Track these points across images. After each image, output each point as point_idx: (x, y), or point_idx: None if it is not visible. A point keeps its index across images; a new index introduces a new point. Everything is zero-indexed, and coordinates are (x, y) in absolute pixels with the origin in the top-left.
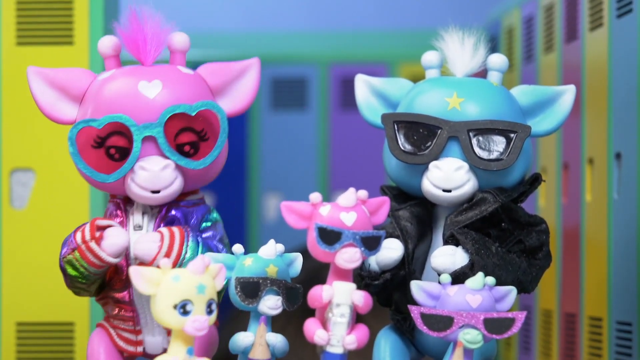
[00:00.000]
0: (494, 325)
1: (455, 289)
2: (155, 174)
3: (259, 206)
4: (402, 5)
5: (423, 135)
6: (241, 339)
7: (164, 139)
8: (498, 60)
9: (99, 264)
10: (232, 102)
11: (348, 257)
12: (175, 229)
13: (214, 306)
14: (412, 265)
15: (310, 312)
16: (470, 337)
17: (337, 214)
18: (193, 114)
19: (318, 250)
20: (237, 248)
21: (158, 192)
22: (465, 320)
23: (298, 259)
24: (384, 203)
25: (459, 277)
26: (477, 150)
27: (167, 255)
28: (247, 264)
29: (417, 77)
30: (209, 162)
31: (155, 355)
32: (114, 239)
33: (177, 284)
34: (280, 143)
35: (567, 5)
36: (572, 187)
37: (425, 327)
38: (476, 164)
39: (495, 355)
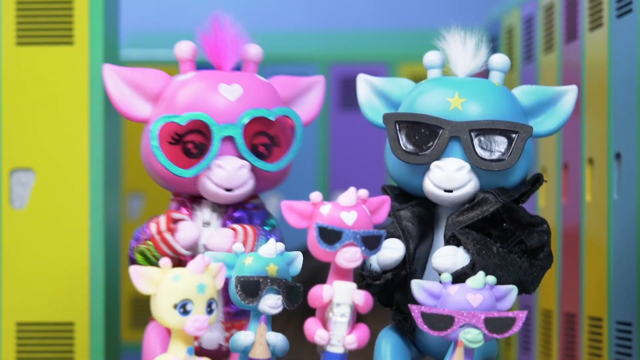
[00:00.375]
0: (495, 324)
1: (456, 288)
2: (231, 172)
3: None
4: (402, 5)
5: (425, 135)
6: (241, 338)
7: (242, 139)
8: (500, 60)
9: (171, 254)
10: (299, 114)
11: (349, 256)
12: (247, 227)
13: (214, 305)
14: (414, 265)
15: (311, 312)
16: (471, 336)
17: (337, 213)
18: (273, 118)
19: (318, 249)
20: (237, 247)
21: (231, 190)
22: (466, 319)
23: (298, 258)
24: (385, 202)
25: (460, 278)
26: (478, 150)
27: None
28: (248, 262)
29: (417, 77)
30: (283, 166)
31: (211, 351)
32: (188, 232)
33: (177, 284)
34: None
35: (567, 5)
36: (572, 187)
37: (425, 327)
38: (478, 164)
39: (496, 355)
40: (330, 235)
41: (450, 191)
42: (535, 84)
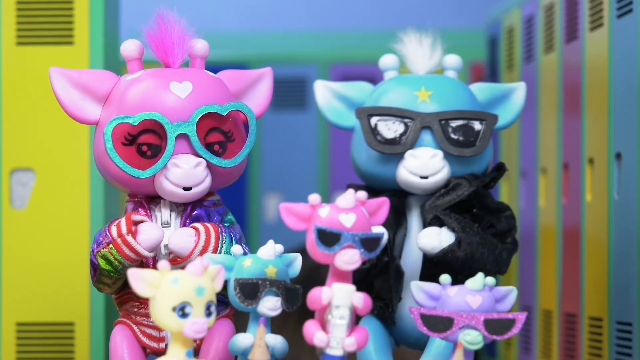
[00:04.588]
0: (495, 326)
1: (456, 290)
2: (188, 171)
3: (259, 206)
4: (402, 5)
5: (397, 127)
6: (241, 340)
7: (196, 137)
8: (453, 60)
9: (134, 257)
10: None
11: (347, 258)
12: (209, 225)
13: (212, 308)
14: (394, 251)
15: (307, 312)
16: (471, 338)
17: (336, 215)
18: (224, 113)
19: (317, 252)
20: (236, 249)
21: (189, 189)
22: (465, 321)
23: (297, 260)
24: (383, 204)
25: (447, 254)
26: (450, 138)
27: (204, 249)
28: (246, 264)
29: None
30: (239, 161)
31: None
32: (149, 234)
33: (176, 287)
34: (280, 143)
35: (567, 5)
36: (572, 187)
37: (425, 328)
38: (450, 152)
39: None
40: (329, 238)
41: (426, 177)
42: (535, 84)
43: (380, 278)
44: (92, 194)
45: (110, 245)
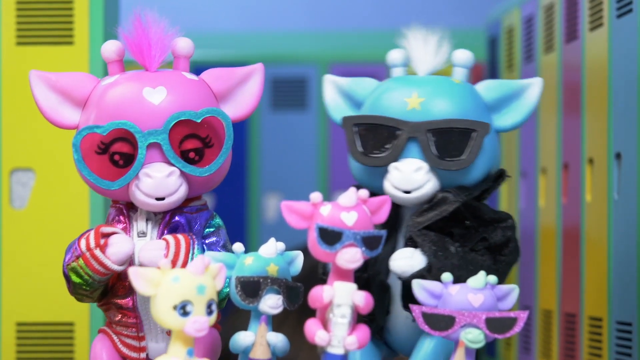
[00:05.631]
0: (496, 324)
1: (457, 288)
2: (160, 181)
3: (259, 206)
4: (402, 5)
5: (383, 136)
6: (242, 339)
7: (169, 145)
8: (463, 55)
9: (103, 271)
10: (236, 107)
11: (349, 257)
12: (181, 237)
13: (214, 307)
14: (377, 266)
15: (308, 310)
16: (472, 336)
17: (337, 213)
18: (198, 120)
19: (319, 250)
20: (238, 247)
21: (163, 199)
22: (467, 319)
23: (299, 257)
24: (385, 202)
25: (417, 279)
26: (435, 150)
27: (173, 263)
28: (248, 262)
29: None
30: (214, 170)
31: None
32: (119, 247)
33: (177, 285)
34: (280, 143)
35: (567, 5)
36: (572, 187)
37: (426, 327)
38: (436, 165)
39: None
40: (331, 236)
41: (409, 192)
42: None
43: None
44: (92, 194)
45: (80, 259)
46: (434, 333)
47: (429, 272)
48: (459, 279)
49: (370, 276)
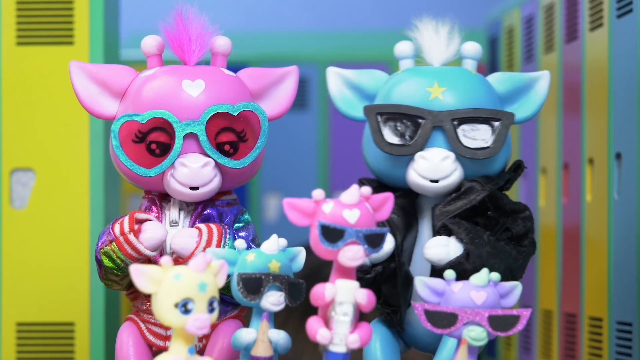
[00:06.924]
0: (499, 322)
1: (460, 286)
2: (195, 170)
3: (259, 206)
4: (402, 5)
5: (407, 126)
6: (243, 336)
7: (205, 136)
8: (472, 47)
9: (136, 256)
10: (271, 106)
11: (351, 254)
12: (213, 226)
13: (215, 304)
14: (401, 257)
15: (311, 308)
16: (475, 334)
17: (340, 211)
18: (235, 114)
19: (321, 248)
20: (239, 243)
21: (197, 189)
22: (469, 317)
23: (301, 254)
24: (388, 199)
25: (454, 267)
26: (462, 139)
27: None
28: (250, 259)
29: None
30: (248, 162)
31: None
32: (152, 232)
33: (179, 282)
34: (280, 143)
35: (567, 5)
36: (572, 187)
37: (429, 324)
38: (462, 153)
39: None
40: (333, 234)
41: (436, 181)
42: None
43: (388, 284)
44: (92, 194)
45: (113, 243)
46: (436, 331)
47: (467, 259)
48: (493, 267)
49: (398, 266)
